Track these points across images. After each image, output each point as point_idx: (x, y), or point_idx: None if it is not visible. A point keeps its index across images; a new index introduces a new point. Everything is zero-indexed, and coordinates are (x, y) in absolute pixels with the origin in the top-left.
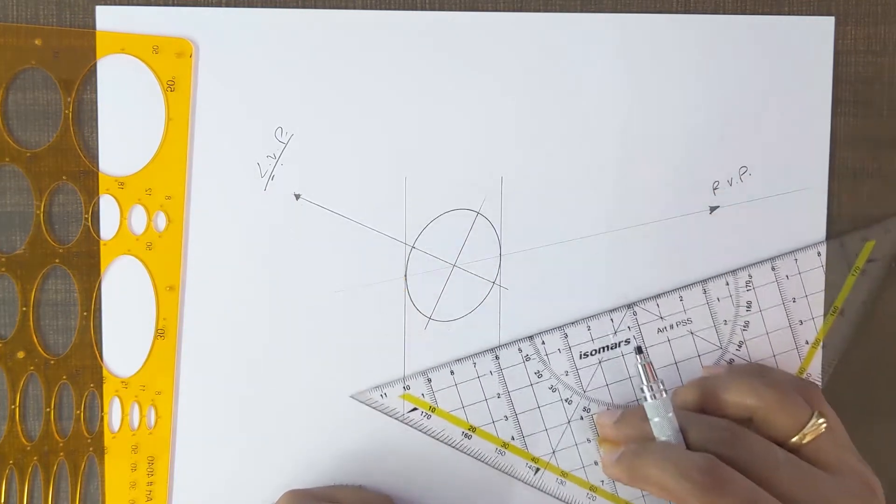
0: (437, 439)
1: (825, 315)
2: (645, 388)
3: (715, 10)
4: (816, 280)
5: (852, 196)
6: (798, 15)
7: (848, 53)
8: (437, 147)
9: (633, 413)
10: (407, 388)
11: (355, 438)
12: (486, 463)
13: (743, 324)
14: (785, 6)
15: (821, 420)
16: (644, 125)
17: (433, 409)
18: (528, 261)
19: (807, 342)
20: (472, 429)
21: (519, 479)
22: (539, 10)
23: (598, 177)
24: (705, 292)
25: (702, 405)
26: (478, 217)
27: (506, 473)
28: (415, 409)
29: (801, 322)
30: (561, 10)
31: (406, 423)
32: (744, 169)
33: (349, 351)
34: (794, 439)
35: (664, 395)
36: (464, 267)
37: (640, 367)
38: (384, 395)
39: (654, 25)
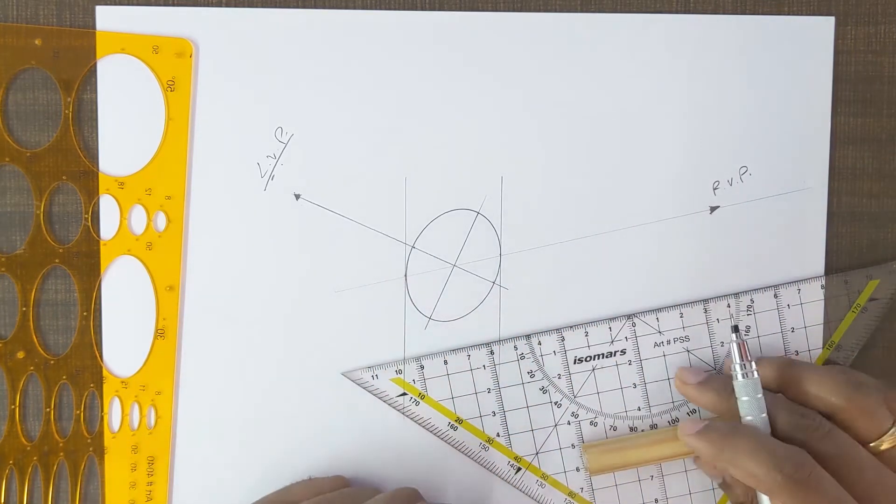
0: (424, 427)
1: (822, 348)
2: (737, 367)
3: (715, 10)
4: (816, 312)
5: (852, 196)
6: (798, 15)
7: (848, 53)
8: (437, 147)
9: (717, 379)
10: (399, 372)
11: (355, 438)
12: (469, 456)
13: None
14: (785, 6)
15: None
16: (644, 125)
17: (422, 397)
18: (528, 261)
19: None
20: (459, 420)
21: (499, 477)
22: (539, 10)
23: (598, 177)
24: (706, 311)
25: (779, 387)
26: (478, 217)
27: (487, 469)
28: (404, 393)
29: (797, 353)
30: (561, 10)
31: (393, 407)
32: (744, 169)
33: (349, 351)
34: (871, 444)
35: (755, 375)
36: (464, 267)
37: (733, 344)
38: (375, 377)
39: (654, 25)
